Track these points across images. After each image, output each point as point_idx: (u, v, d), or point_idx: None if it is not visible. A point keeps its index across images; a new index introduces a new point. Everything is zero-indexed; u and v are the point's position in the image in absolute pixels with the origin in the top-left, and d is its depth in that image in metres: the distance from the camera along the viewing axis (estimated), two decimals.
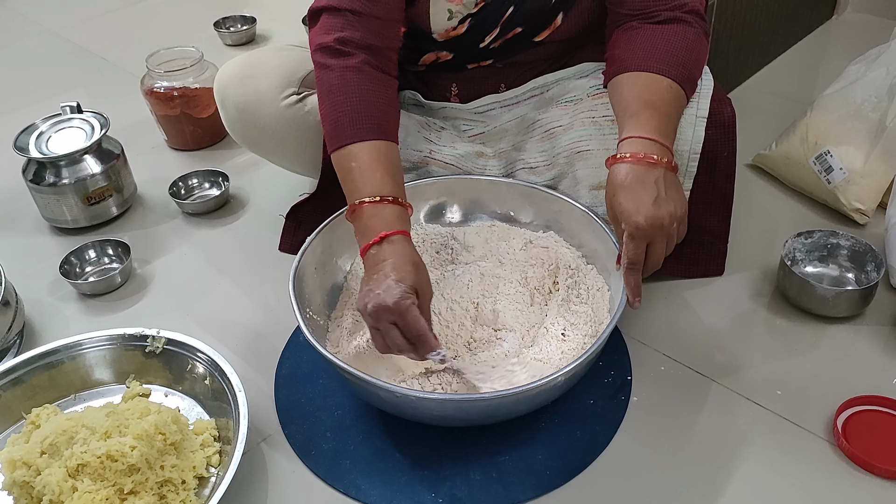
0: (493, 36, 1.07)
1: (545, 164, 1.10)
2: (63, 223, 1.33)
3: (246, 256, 1.27)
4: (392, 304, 0.83)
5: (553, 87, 1.13)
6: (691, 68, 1.00)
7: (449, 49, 1.10)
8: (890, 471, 0.87)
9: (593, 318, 0.97)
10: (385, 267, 0.86)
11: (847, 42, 1.81)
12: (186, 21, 2.17)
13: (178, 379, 1.01)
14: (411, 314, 0.84)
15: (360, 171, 0.93)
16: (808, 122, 1.29)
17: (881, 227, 1.19)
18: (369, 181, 0.92)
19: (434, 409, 0.86)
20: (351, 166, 0.93)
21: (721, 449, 0.92)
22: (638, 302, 0.89)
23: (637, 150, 0.89)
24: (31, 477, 0.84)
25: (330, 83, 0.97)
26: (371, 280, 0.87)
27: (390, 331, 0.85)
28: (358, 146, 0.94)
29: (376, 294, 0.85)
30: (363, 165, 0.93)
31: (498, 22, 1.06)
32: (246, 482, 0.91)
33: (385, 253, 0.88)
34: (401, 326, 0.85)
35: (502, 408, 0.86)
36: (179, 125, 1.53)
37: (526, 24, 1.07)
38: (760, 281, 1.14)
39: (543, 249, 1.06)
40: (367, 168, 0.93)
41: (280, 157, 1.24)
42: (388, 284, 0.84)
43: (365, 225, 0.90)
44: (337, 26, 0.99)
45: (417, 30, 1.09)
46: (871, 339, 1.04)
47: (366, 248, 0.90)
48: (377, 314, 0.85)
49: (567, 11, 1.06)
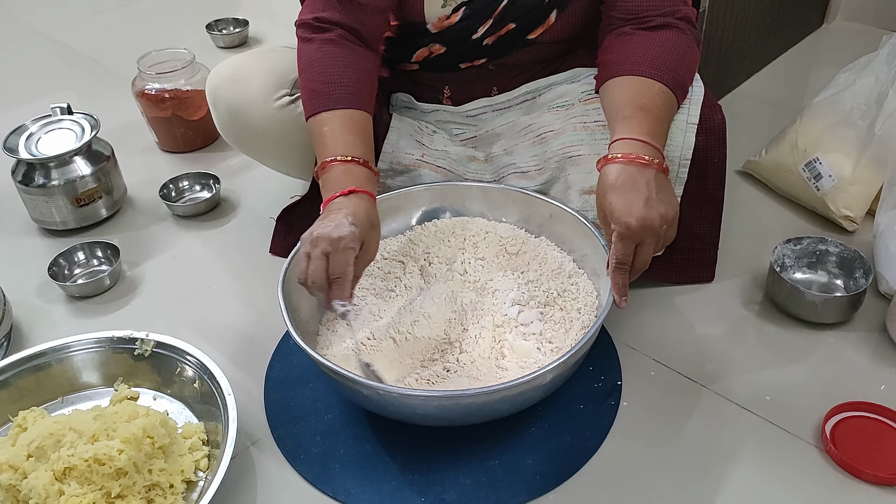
0: (486, 27, 1.07)
1: (536, 168, 1.11)
2: (52, 225, 1.33)
3: (236, 259, 1.26)
4: (335, 237, 0.86)
5: (545, 91, 1.13)
6: (683, 74, 1.00)
7: (442, 41, 1.10)
8: (878, 476, 0.87)
9: (581, 322, 0.97)
10: (344, 211, 0.89)
11: (836, 50, 1.82)
12: (178, 23, 2.16)
13: (167, 382, 1.00)
14: (345, 254, 0.86)
15: (331, 134, 0.96)
16: (797, 130, 1.29)
17: (870, 234, 1.20)
18: (341, 143, 0.95)
19: (417, 407, 0.85)
20: (323, 131, 0.97)
21: (710, 454, 0.92)
22: (624, 302, 0.89)
23: (629, 150, 0.89)
24: (18, 480, 0.84)
25: (310, 56, 1.02)
26: (326, 217, 0.90)
27: (317, 261, 0.86)
28: (331, 113, 0.97)
29: (325, 225, 0.88)
30: (335, 129, 0.96)
31: (492, 13, 1.06)
32: (234, 486, 0.90)
33: (348, 203, 0.91)
34: (330, 261, 0.86)
35: (486, 406, 0.85)
36: (170, 127, 1.53)
37: (519, 19, 1.07)
38: (750, 287, 1.15)
39: (534, 253, 1.06)
40: (339, 131, 0.96)
41: (272, 158, 1.24)
42: (340, 221, 0.88)
43: (333, 180, 0.93)
44: (318, 7, 1.03)
45: (411, 22, 1.09)
46: (860, 346, 1.05)
47: (330, 199, 0.92)
48: (316, 241, 0.87)
49: (561, 10, 1.06)
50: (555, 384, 0.88)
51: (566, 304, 0.99)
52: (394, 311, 1.00)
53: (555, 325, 0.97)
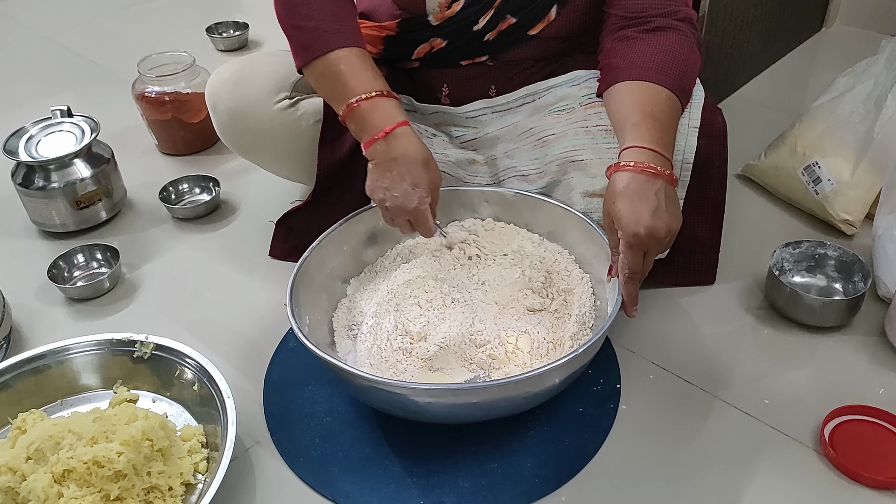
0: (487, 18, 1.07)
1: (537, 171, 1.11)
2: (52, 227, 1.33)
3: (236, 262, 1.27)
4: (412, 209, 0.97)
5: (545, 94, 1.14)
6: (686, 79, 1.01)
7: (443, 35, 1.11)
8: (877, 480, 0.87)
9: (583, 325, 0.98)
10: (398, 167, 0.95)
11: (836, 54, 1.82)
12: (179, 26, 2.17)
13: (166, 385, 1.00)
14: (425, 216, 0.98)
15: (350, 73, 0.98)
16: (796, 134, 1.30)
17: (868, 238, 1.20)
18: (360, 81, 0.98)
19: (411, 401, 0.85)
20: (340, 69, 0.99)
21: (709, 458, 0.92)
22: (635, 311, 0.90)
23: (640, 160, 0.89)
24: (17, 483, 0.83)
25: None
26: (385, 177, 0.97)
27: (404, 225, 1.00)
28: (345, 51, 0.99)
29: (394, 197, 0.96)
30: (353, 67, 0.99)
31: (493, 2, 1.06)
32: (233, 489, 0.90)
33: (393, 150, 0.95)
34: (413, 223, 0.99)
35: (484, 405, 0.85)
36: (170, 130, 1.53)
37: (520, 13, 1.07)
38: (749, 291, 1.15)
39: (538, 256, 1.06)
40: (357, 69, 0.99)
41: (272, 162, 1.24)
42: (405, 190, 0.95)
43: (365, 120, 0.97)
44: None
45: (412, 15, 1.09)
46: (859, 349, 1.05)
47: (370, 143, 0.97)
48: (395, 214, 0.98)
49: (562, 6, 1.07)
50: (557, 384, 0.88)
51: (570, 309, 1.00)
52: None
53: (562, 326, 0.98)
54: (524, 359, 0.94)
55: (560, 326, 0.98)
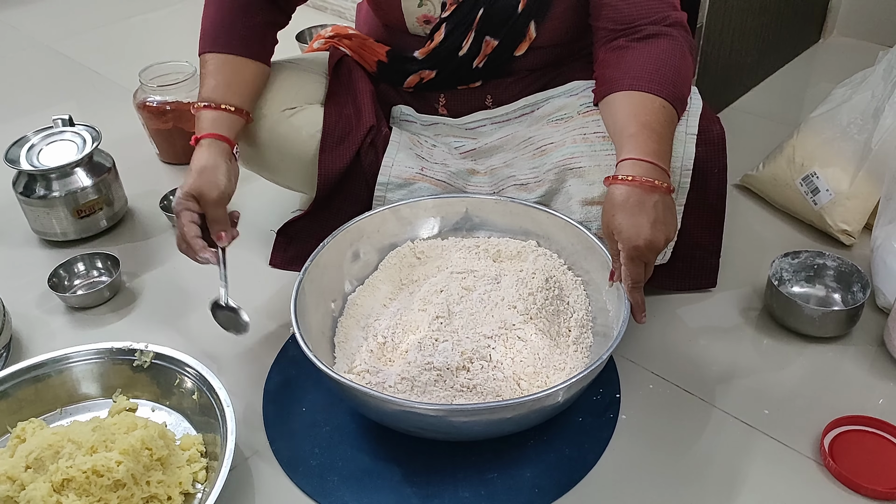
0: (469, 41, 1.09)
1: (535, 180, 1.11)
2: (52, 236, 1.33)
3: (236, 271, 1.26)
4: (173, 207, 1.02)
5: (543, 104, 1.14)
6: (681, 87, 1.01)
7: (431, 66, 1.12)
8: (876, 491, 0.87)
9: (583, 336, 0.98)
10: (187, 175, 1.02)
11: (833, 65, 1.83)
12: (180, 36, 2.17)
13: (166, 394, 1.00)
14: (183, 217, 1.01)
15: (203, 77, 1.09)
16: (794, 144, 1.30)
17: (867, 248, 1.20)
18: (205, 87, 1.07)
19: (434, 421, 0.85)
20: (202, 72, 1.10)
21: (709, 468, 0.92)
22: (644, 316, 0.92)
23: (638, 173, 0.91)
24: (16, 492, 0.83)
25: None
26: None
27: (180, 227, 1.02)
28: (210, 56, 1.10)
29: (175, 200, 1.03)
30: (207, 72, 1.09)
31: (473, 22, 1.08)
32: (233, 498, 0.90)
33: (193, 159, 1.03)
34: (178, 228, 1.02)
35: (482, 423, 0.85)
36: (171, 139, 1.53)
37: (498, 33, 1.08)
38: (748, 301, 1.15)
39: (534, 266, 1.06)
40: (208, 75, 1.08)
41: (272, 171, 1.24)
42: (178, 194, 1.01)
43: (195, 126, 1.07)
44: None
45: (399, 51, 1.10)
46: (858, 359, 1.05)
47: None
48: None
49: (539, 21, 1.07)
50: (566, 399, 0.88)
51: (568, 319, 1.00)
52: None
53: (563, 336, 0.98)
54: (529, 361, 0.94)
55: (561, 331, 0.99)
